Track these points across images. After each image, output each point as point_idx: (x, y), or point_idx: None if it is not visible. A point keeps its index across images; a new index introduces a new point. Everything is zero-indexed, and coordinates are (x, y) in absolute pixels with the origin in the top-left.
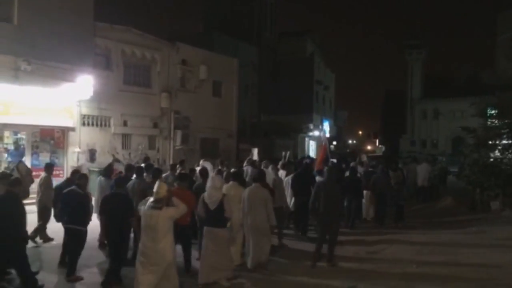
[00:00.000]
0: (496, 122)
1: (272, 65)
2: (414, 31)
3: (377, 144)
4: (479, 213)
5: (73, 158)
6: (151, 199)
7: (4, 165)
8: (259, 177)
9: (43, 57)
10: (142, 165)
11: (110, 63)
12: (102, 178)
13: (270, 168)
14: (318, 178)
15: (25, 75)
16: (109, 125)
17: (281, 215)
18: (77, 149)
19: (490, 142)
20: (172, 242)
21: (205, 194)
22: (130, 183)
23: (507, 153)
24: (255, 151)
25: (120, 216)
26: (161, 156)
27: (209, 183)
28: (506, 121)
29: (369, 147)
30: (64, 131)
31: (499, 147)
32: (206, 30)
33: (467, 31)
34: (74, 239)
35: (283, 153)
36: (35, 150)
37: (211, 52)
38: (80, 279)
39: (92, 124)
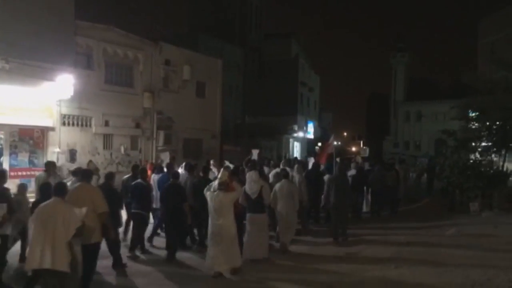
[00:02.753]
0: (476, 124)
1: (257, 67)
2: (398, 35)
3: (361, 145)
4: (458, 214)
5: (53, 158)
6: (215, 183)
7: None
8: (286, 174)
9: (22, 56)
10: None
11: (91, 62)
12: (156, 175)
13: (295, 168)
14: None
15: (4, 74)
16: (90, 125)
17: (302, 207)
18: (57, 149)
19: (472, 144)
20: (234, 220)
21: (246, 187)
22: (182, 178)
23: (486, 155)
24: (255, 152)
25: (177, 202)
26: (143, 156)
27: (248, 178)
28: (487, 123)
29: (353, 149)
30: (44, 131)
31: (479, 149)
32: (191, 32)
33: (450, 35)
34: (141, 221)
35: (284, 153)
36: (14, 150)
37: (195, 52)
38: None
39: (73, 124)
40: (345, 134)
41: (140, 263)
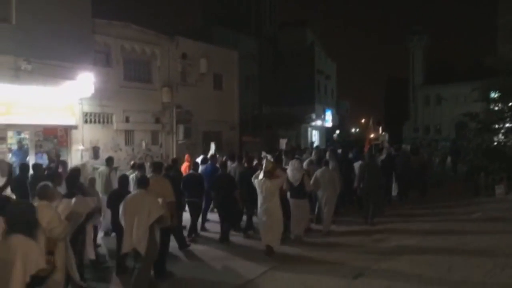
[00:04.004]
0: (499, 105)
1: (272, 56)
2: (415, 18)
3: (380, 131)
4: (484, 197)
5: (77, 156)
6: (261, 173)
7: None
8: (327, 162)
9: (43, 56)
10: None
11: (110, 60)
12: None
13: (327, 155)
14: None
15: (26, 74)
16: (112, 122)
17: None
18: (81, 147)
19: (495, 126)
20: (279, 203)
21: (289, 175)
22: (231, 167)
23: (511, 136)
24: (284, 142)
25: (229, 190)
26: (164, 151)
27: (290, 167)
28: (510, 104)
29: (372, 135)
30: (67, 130)
31: (502, 131)
32: (205, 24)
33: (468, 16)
34: (195, 208)
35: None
36: (39, 150)
37: (211, 45)
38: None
39: (95, 122)
40: (363, 120)
41: (200, 244)
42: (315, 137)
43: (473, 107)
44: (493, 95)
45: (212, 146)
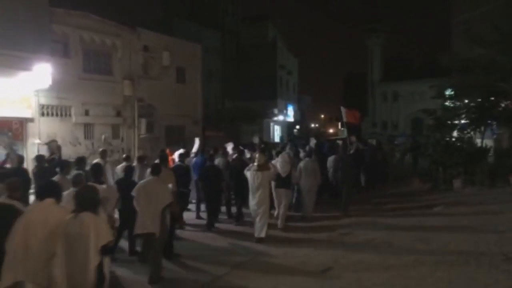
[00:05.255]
0: (456, 103)
1: (235, 50)
2: (373, 15)
3: (339, 127)
4: (442, 191)
5: (33, 150)
6: (255, 164)
7: None
8: (310, 153)
9: None
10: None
11: (68, 50)
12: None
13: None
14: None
15: None
16: (70, 115)
17: None
18: (37, 141)
19: (449, 122)
20: (268, 194)
21: (278, 167)
22: (217, 159)
23: (465, 132)
24: (256, 138)
25: (215, 181)
26: (125, 145)
27: (280, 159)
28: (465, 101)
29: (331, 130)
30: (23, 122)
31: (458, 127)
32: (167, 16)
33: (424, 14)
34: (183, 198)
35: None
36: None
37: (174, 37)
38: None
39: (52, 114)
40: (322, 116)
41: (189, 231)
42: (277, 131)
43: (428, 104)
44: (448, 92)
45: (196, 142)
